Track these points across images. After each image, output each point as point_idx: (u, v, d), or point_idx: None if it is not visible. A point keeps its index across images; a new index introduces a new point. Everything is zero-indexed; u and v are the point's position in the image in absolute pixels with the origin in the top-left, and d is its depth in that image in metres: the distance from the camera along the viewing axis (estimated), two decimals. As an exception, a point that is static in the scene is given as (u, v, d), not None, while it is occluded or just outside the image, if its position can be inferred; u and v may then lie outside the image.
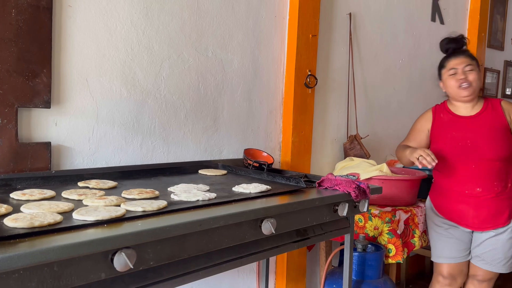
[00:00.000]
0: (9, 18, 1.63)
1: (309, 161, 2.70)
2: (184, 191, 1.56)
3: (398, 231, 2.44)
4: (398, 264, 3.29)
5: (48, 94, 1.74)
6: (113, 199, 1.36)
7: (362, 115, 3.12)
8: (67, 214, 1.20)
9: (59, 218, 1.13)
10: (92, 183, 1.63)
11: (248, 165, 2.12)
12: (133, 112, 2.03)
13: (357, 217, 2.46)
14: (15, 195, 1.40)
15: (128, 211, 1.26)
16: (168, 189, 1.62)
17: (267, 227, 1.41)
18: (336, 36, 2.90)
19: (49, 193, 1.44)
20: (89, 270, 1.04)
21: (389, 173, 2.57)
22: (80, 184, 1.63)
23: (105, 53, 1.92)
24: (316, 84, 2.65)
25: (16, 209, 1.24)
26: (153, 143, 2.10)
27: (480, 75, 2.23)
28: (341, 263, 2.41)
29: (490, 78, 4.51)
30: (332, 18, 2.87)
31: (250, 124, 2.49)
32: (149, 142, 2.09)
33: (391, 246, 2.41)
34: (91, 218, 1.14)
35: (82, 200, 1.37)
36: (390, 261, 2.41)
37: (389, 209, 2.51)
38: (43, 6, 1.71)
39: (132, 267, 1.08)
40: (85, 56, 1.87)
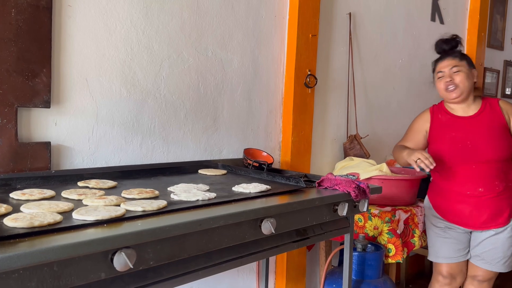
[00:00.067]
0: (8, 17, 1.63)
1: (309, 161, 2.70)
2: (184, 191, 1.56)
3: (398, 231, 2.44)
4: (398, 263, 3.29)
5: (48, 94, 1.74)
6: (113, 199, 1.36)
7: (362, 115, 3.12)
8: (67, 214, 1.20)
9: (59, 218, 1.13)
10: (92, 183, 1.63)
11: (248, 165, 2.12)
12: (133, 112, 2.03)
13: (356, 216, 2.47)
14: (14, 195, 1.40)
15: (128, 211, 1.26)
16: (168, 189, 1.62)
17: (267, 227, 1.41)
18: (336, 36, 2.90)
19: (49, 193, 1.44)
20: (89, 270, 1.04)
21: (389, 172, 2.57)
22: (80, 184, 1.63)
23: (104, 52, 1.92)
24: (316, 84, 2.65)
25: (16, 209, 1.24)
26: (153, 142, 2.10)
27: (471, 75, 2.19)
28: (341, 262, 2.41)
29: (489, 78, 4.51)
30: (332, 18, 2.87)
31: (250, 124, 2.49)
32: (149, 142, 2.09)
33: (391, 246, 2.41)
34: (91, 218, 1.14)
35: (82, 200, 1.37)
36: (390, 260, 2.41)
37: (389, 208, 2.51)
38: (43, 6, 1.71)
39: (132, 267, 1.08)
40: (84, 56, 1.87)
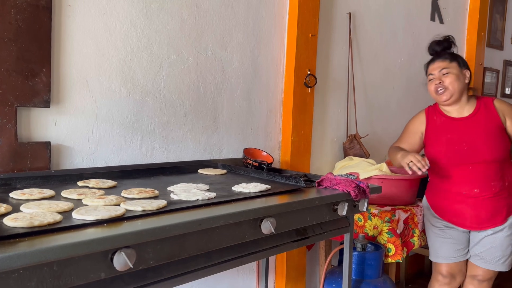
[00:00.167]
0: (8, 17, 1.63)
1: (308, 161, 2.70)
2: (184, 191, 1.56)
3: (397, 231, 2.44)
4: (398, 263, 3.29)
5: (48, 94, 1.74)
6: (112, 198, 1.36)
7: (362, 114, 3.12)
8: (66, 213, 1.20)
9: (58, 217, 1.13)
10: (92, 182, 1.63)
11: (248, 165, 2.12)
12: (133, 112, 2.03)
13: (356, 216, 2.47)
14: (14, 194, 1.40)
15: (127, 210, 1.26)
16: (168, 188, 1.62)
17: (267, 227, 1.42)
18: (335, 36, 2.90)
19: (49, 192, 1.44)
20: (88, 269, 1.04)
21: (389, 172, 2.57)
22: (80, 183, 1.63)
23: (104, 52, 1.92)
24: (315, 83, 2.65)
25: (16, 208, 1.24)
26: (152, 142, 2.10)
27: (462, 76, 2.17)
28: (341, 262, 2.41)
29: (489, 78, 4.51)
30: (332, 18, 2.87)
31: (249, 124, 2.49)
32: (149, 142, 2.09)
33: (390, 246, 2.41)
34: (91, 217, 1.15)
35: (81, 200, 1.37)
36: (390, 260, 2.42)
37: (388, 208, 2.51)
38: (43, 6, 1.71)
39: (132, 266, 1.08)
40: (84, 56, 1.87)
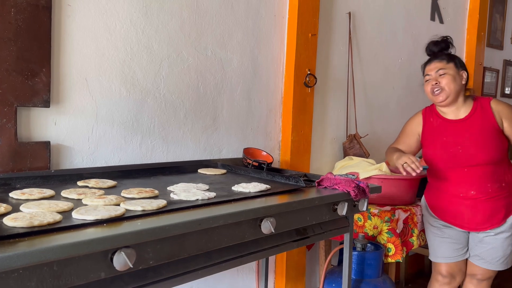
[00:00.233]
0: (8, 17, 1.63)
1: (308, 160, 2.70)
2: (184, 190, 1.56)
3: (397, 230, 2.44)
4: (398, 263, 3.29)
5: (48, 94, 1.74)
6: (112, 198, 1.36)
7: (362, 114, 3.12)
8: (66, 213, 1.20)
9: (58, 217, 1.13)
10: (92, 182, 1.63)
11: (248, 164, 2.12)
12: (133, 112, 2.03)
13: (356, 216, 2.47)
14: (14, 194, 1.40)
15: (127, 210, 1.26)
16: (168, 188, 1.62)
17: (267, 226, 1.42)
18: (335, 35, 2.90)
19: (49, 192, 1.44)
20: (88, 269, 1.04)
21: (388, 172, 2.57)
22: (80, 183, 1.63)
23: (104, 52, 1.92)
24: (315, 83, 2.65)
25: (16, 208, 1.23)
26: (152, 142, 2.10)
27: (459, 77, 2.15)
28: (341, 262, 2.41)
29: (489, 78, 4.51)
30: (332, 17, 2.87)
31: (249, 123, 2.49)
32: (149, 142, 2.09)
33: (390, 245, 2.41)
34: (91, 217, 1.14)
35: (81, 200, 1.37)
36: (390, 260, 2.42)
37: (388, 208, 2.51)
38: (43, 5, 1.70)
39: (132, 266, 1.08)
40: (84, 55, 1.87)
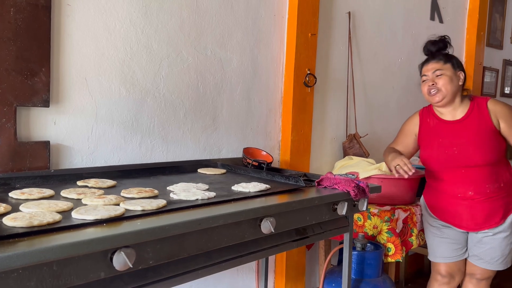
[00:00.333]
0: (7, 16, 1.62)
1: (308, 160, 2.70)
2: (183, 190, 1.55)
3: (397, 230, 2.44)
4: (397, 262, 3.29)
5: (47, 93, 1.74)
6: (112, 198, 1.36)
7: (361, 114, 3.12)
8: (66, 213, 1.20)
9: (58, 217, 1.12)
10: (91, 182, 1.63)
11: (247, 164, 2.12)
12: (132, 111, 2.03)
13: (356, 216, 2.47)
14: (14, 194, 1.40)
15: (127, 210, 1.26)
16: (167, 188, 1.62)
17: (267, 226, 1.41)
18: (335, 35, 2.90)
19: (48, 192, 1.44)
20: (88, 269, 1.04)
21: (388, 172, 2.56)
22: (79, 183, 1.63)
23: (104, 52, 1.92)
24: (315, 83, 2.65)
25: (15, 208, 1.23)
26: (152, 142, 2.10)
27: (456, 78, 2.15)
28: (340, 262, 2.41)
29: (489, 77, 4.51)
30: (331, 17, 2.87)
31: (249, 123, 2.49)
32: (148, 141, 2.09)
33: (390, 245, 2.41)
34: (90, 217, 1.14)
35: (81, 199, 1.37)
36: (389, 260, 2.42)
37: (388, 208, 2.51)
38: (42, 5, 1.70)
39: (132, 266, 1.08)
40: (84, 55, 1.87)
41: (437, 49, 2.22)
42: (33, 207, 1.22)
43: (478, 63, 4.11)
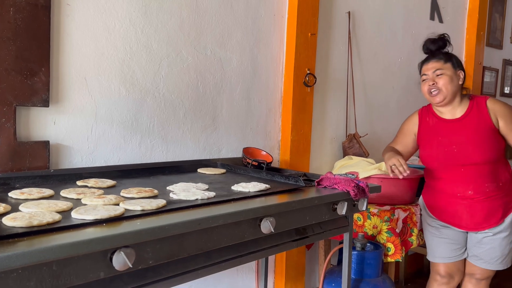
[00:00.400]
0: (7, 16, 1.62)
1: (308, 160, 2.70)
2: (183, 190, 1.55)
3: (396, 230, 2.44)
4: (397, 262, 3.29)
5: (47, 93, 1.73)
6: (112, 198, 1.36)
7: (361, 114, 3.12)
8: (65, 213, 1.20)
9: (57, 217, 1.12)
10: (91, 182, 1.62)
11: (247, 164, 2.12)
12: (132, 111, 2.03)
13: (356, 215, 2.47)
14: (13, 194, 1.40)
15: (127, 210, 1.26)
16: (167, 188, 1.62)
17: (266, 226, 1.41)
18: (335, 35, 2.90)
19: (48, 192, 1.44)
20: (88, 269, 1.04)
21: (388, 172, 2.56)
22: (79, 183, 1.63)
23: (103, 51, 1.92)
24: (315, 82, 2.65)
25: (15, 208, 1.23)
26: (152, 142, 2.10)
27: (456, 77, 2.14)
28: (340, 261, 2.41)
29: (488, 77, 4.51)
30: (331, 17, 2.86)
31: (249, 123, 2.49)
32: (148, 141, 2.09)
33: (390, 245, 2.41)
34: (90, 217, 1.14)
35: (81, 199, 1.37)
36: (389, 259, 2.42)
37: (387, 207, 2.51)
38: (42, 5, 1.70)
39: (131, 266, 1.08)
40: (83, 55, 1.87)
41: (437, 48, 2.21)
42: (33, 207, 1.22)
43: (478, 63, 4.11)
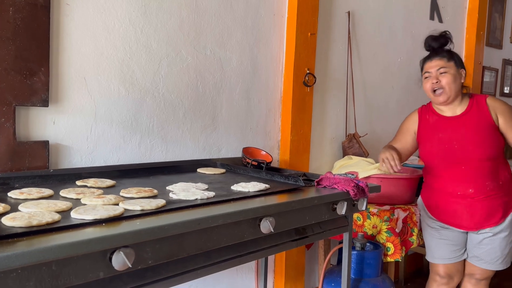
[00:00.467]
0: (6, 16, 1.62)
1: (307, 160, 2.70)
2: (183, 190, 1.55)
3: (396, 230, 2.44)
4: (397, 262, 3.29)
5: (46, 93, 1.73)
6: (111, 198, 1.36)
7: (361, 113, 3.12)
8: (65, 213, 1.20)
9: (57, 217, 1.12)
10: (90, 182, 1.62)
11: (247, 164, 2.12)
12: (131, 111, 2.03)
13: (355, 215, 2.47)
14: (13, 194, 1.40)
15: (126, 210, 1.26)
16: (167, 188, 1.62)
17: (266, 226, 1.41)
18: (335, 35, 2.90)
19: (47, 192, 1.44)
20: (87, 269, 1.04)
21: (388, 171, 2.56)
22: (78, 183, 1.63)
23: (103, 51, 1.92)
24: (314, 82, 2.65)
25: (14, 208, 1.23)
26: (151, 141, 2.10)
27: (459, 76, 2.15)
28: (340, 261, 2.41)
29: (488, 77, 4.51)
30: (331, 17, 2.86)
31: (248, 123, 2.49)
32: (148, 141, 2.09)
33: (389, 245, 2.41)
34: (89, 217, 1.14)
35: (80, 199, 1.37)
36: (389, 259, 2.42)
37: (387, 207, 2.51)
38: (41, 4, 1.70)
39: (131, 266, 1.08)
40: (83, 55, 1.86)
41: (439, 45, 2.20)
42: (32, 207, 1.22)
43: (477, 62, 4.12)
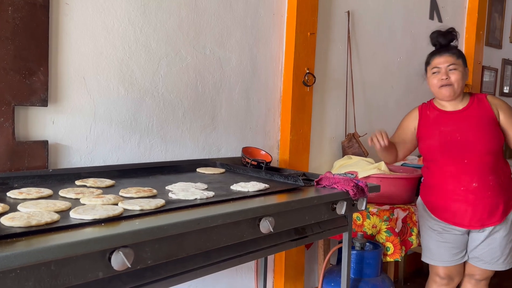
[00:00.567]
0: (5, 15, 1.62)
1: (307, 160, 2.70)
2: (182, 190, 1.55)
3: (396, 229, 2.44)
4: (396, 262, 3.29)
5: (45, 92, 1.73)
6: (110, 197, 1.36)
7: (361, 113, 3.12)
8: (64, 213, 1.20)
9: (56, 217, 1.12)
10: (90, 181, 1.62)
11: (246, 164, 2.12)
12: (131, 111, 2.02)
13: (355, 215, 2.47)
14: (12, 194, 1.40)
15: (125, 210, 1.26)
16: (166, 187, 1.62)
17: (265, 226, 1.41)
18: (334, 34, 2.90)
19: (46, 191, 1.44)
20: (86, 269, 1.04)
21: (387, 171, 2.57)
22: (78, 182, 1.63)
23: (102, 51, 1.92)
24: (314, 82, 2.65)
25: (13, 208, 1.23)
26: (151, 141, 2.10)
27: (465, 74, 2.16)
28: (339, 261, 2.41)
29: (488, 77, 4.51)
30: (331, 16, 2.86)
31: (248, 123, 2.48)
32: (147, 141, 2.08)
33: (389, 244, 2.41)
34: (89, 217, 1.14)
35: (79, 199, 1.37)
36: (388, 259, 2.42)
37: (387, 207, 2.51)
38: (40, 4, 1.70)
39: (130, 266, 1.08)
40: (82, 54, 1.86)
41: (447, 42, 2.20)
42: (31, 207, 1.22)
43: (477, 62, 4.12)
